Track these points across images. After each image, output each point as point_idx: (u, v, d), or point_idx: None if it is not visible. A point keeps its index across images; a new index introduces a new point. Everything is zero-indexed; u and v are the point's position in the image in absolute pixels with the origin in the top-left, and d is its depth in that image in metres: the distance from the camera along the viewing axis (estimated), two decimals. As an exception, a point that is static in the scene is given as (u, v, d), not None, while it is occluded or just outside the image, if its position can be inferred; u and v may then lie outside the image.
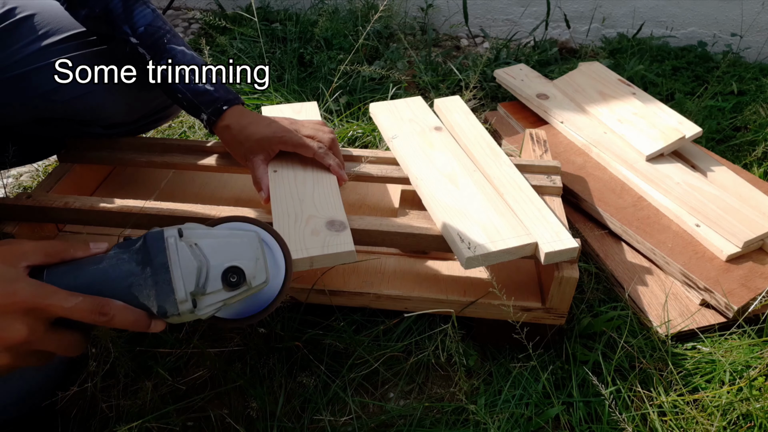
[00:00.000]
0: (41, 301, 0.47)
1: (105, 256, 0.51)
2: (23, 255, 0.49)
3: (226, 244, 0.53)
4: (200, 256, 0.51)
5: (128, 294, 0.50)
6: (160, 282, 0.50)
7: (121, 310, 0.49)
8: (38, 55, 0.81)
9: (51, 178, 0.90)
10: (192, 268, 0.51)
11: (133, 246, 0.52)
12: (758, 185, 1.05)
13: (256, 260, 0.54)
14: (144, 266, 0.50)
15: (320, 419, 0.74)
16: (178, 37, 0.84)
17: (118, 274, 0.50)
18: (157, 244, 0.50)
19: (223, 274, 0.52)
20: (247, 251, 0.54)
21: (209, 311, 0.52)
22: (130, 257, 0.51)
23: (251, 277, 0.53)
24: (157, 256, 0.50)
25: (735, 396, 0.76)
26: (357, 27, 1.74)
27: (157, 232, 0.51)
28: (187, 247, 0.51)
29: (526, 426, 0.74)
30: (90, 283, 0.50)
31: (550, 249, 0.71)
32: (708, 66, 1.63)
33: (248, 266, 0.53)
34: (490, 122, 1.35)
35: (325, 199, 0.78)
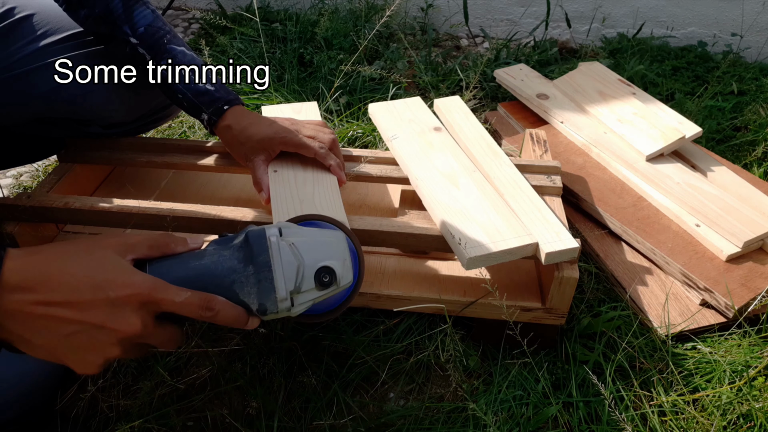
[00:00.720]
0: (156, 295, 0.47)
1: (206, 252, 0.52)
2: (131, 248, 0.50)
3: (319, 244, 0.54)
4: (298, 256, 0.52)
5: (230, 290, 0.51)
6: (262, 280, 0.51)
7: (225, 307, 0.50)
8: (37, 54, 0.81)
9: (51, 178, 0.90)
10: (292, 267, 0.52)
11: (232, 243, 0.52)
12: (758, 185, 1.05)
13: (344, 261, 0.55)
14: (246, 264, 0.51)
15: (320, 419, 0.74)
16: (177, 37, 0.84)
17: (221, 271, 0.51)
18: (260, 242, 0.51)
19: (317, 273, 0.53)
20: (337, 252, 0.55)
21: (301, 309, 0.53)
22: (231, 254, 0.51)
23: (341, 277, 0.54)
24: (261, 254, 0.51)
25: (735, 396, 0.76)
26: (357, 27, 1.74)
27: (260, 230, 0.52)
28: (287, 246, 0.52)
29: (526, 426, 0.74)
30: (194, 278, 0.50)
31: (550, 249, 0.71)
32: (708, 66, 1.63)
33: (338, 266, 0.54)
34: (490, 122, 1.35)
35: (325, 200, 0.78)
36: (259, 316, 0.52)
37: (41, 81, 0.81)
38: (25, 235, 0.82)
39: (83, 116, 0.88)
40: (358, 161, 0.92)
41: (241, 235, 0.52)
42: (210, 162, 0.92)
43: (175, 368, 0.80)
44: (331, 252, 0.54)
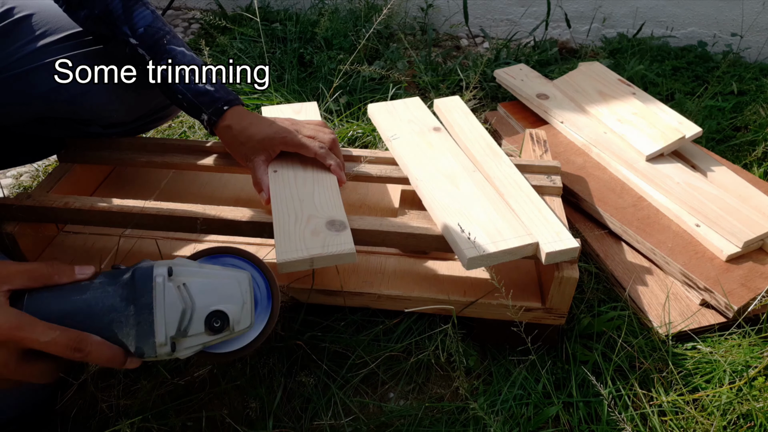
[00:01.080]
0: (16, 333, 0.46)
1: (90, 286, 0.50)
2: (6, 279, 0.48)
3: (215, 286, 0.52)
4: (187, 298, 0.51)
5: (108, 329, 0.49)
6: (141, 323, 0.49)
7: (98, 346, 0.48)
8: (37, 54, 0.81)
9: (51, 178, 0.90)
10: (176, 311, 0.50)
11: (120, 278, 0.51)
12: (758, 185, 1.05)
13: (243, 304, 0.53)
14: (128, 303, 0.49)
15: (320, 419, 0.74)
16: (177, 38, 0.84)
17: (101, 308, 0.49)
18: (145, 282, 0.49)
19: (207, 317, 0.51)
20: (236, 294, 0.53)
21: (188, 353, 0.52)
22: (114, 291, 0.50)
23: (235, 323, 0.52)
24: (143, 295, 0.49)
25: (735, 396, 0.76)
26: (357, 27, 1.74)
27: (147, 269, 0.50)
28: (174, 288, 0.50)
29: (526, 426, 0.74)
30: (70, 313, 0.49)
31: (551, 249, 0.71)
32: (708, 66, 1.63)
33: (233, 311, 0.52)
34: (490, 122, 1.35)
35: (325, 200, 0.78)
36: (137, 357, 0.50)
37: (41, 81, 0.81)
38: (25, 235, 0.82)
39: (83, 116, 0.88)
40: (358, 161, 0.92)
41: (129, 272, 0.51)
42: (210, 162, 0.92)
43: (175, 368, 0.80)
44: (228, 295, 0.52)
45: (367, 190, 1.01)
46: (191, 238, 0.89)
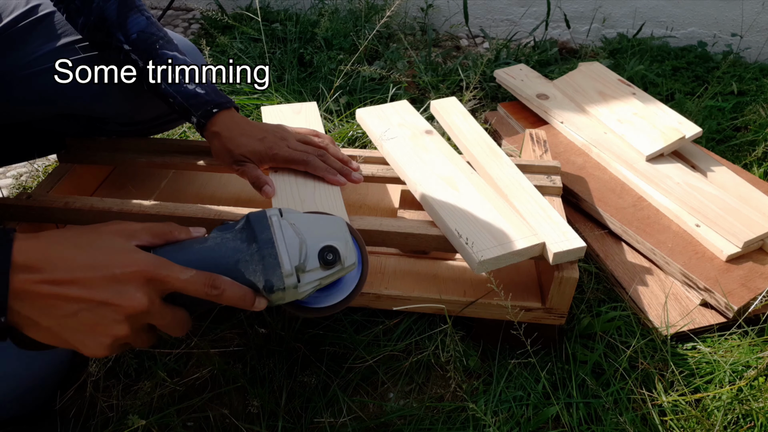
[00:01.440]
0: (161, 272, 0.47)
1: (209, 237, 0.53)
2: (133, 234, 0.50)
3: (319, 226, 0.55)
4: (301, 233, 0.53)
5: (235, 270, 0.51)
6: (266, 256, 0.51)
7: (231, 285, 0.50)
8: (57, 52, 0.81)
9: (51, 179, 0.90)
10: (295, 243, 0.52)
11: (234, 227, 0.53)
12: (758, 185, 1.05)
13: (347, 242, 0.55)
14: (250, 243, 0.51)
15: (320, 419, 0.74)
16: (171, 42, 0.84)
17: (225, 251, 0.51)
18: (262, 222, 0.52)
19: (320, 252, 0.54)
20: (339, 232, 0.55)
21: (308, 289, 0.54)
22: (234, 236, 0.52)
23: (344, 257, 0.55)
24: (263, 232, 0.51)
25: (735, 396, 0.76)
26: (357, 27, 1.74)
27: (260, 212, 0.53)
28: (288, 225, 0.53)
29: (526, 426, 0.74)
30: (198, 261, 0.51)
31: (558, 249, 0.71)
32: (708, 66, 1.63)
33: (341, 246, 0.54)
34: (490, 122, 1.35)
35: (326, 200, 0.78)
36: (266, 295, 0.52)
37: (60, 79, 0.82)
38: (25, 235, 0.82)
39: (102, 114, 0.89)
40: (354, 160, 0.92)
41: (242, 220, 0.53)
42: (210, 162, 0.92)
43: (175, 368, 0.80)
44: (333, 233, 0.55)
45: (366, 190, 1.01)
46: (191, 238, 0.89)
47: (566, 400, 0.77)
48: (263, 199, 0.78)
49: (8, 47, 0.80)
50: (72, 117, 0.90)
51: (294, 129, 0.86)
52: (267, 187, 0.78)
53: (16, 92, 0.82)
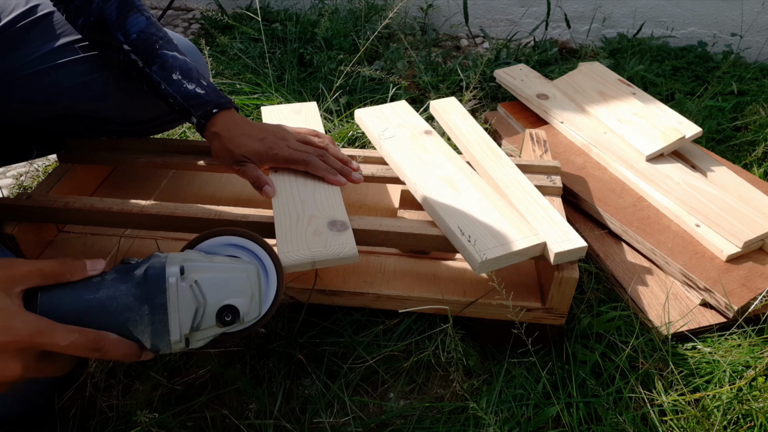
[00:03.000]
0: (37, 340, 0.46)
1: (102, 284, 0.50)
2: (19, 279, 0.48)
3: (225, 280, 0.53)
4: (199, 296, 0.51)
5: (123, 327, 0.50)
6: (156, 322, 0.50)
7: (115, 344, 0.49)
8: (57, 53, 0.81)
9: (51, 179, 0.90)
10: (190, 311, 0.51)
11: (132, 274, 0.51)
12: (758, 185, 1.05)
13: (252, 297, 0.54)
14: (142, 302, 0.50)
15: (320, 420, 0.74)
16: (171, 43, 0.84)
17: (115, 307, 0.50)
18: (158, 284, 0.50)
19: (218, 312, 0.52)
20: (245, 288, 0.54)
21: (200, 344, 0.53)
22: (128, 290, 0.50)
23: (245, 314, 0.53)
24: (157, 295, 0.50)
25: (735, 396, 0.76)
26: (357, 27, 1.74)
27: (159, 269, 0.50)
28: (187, 287, 0.51)
29: (526, 426, 0.74)
30: (85, 312, 0.49)
31: (559, 249, 0.71)
32: (708, 66, 1.63)
33: (243, 304, 0.53)
34: (490, 122, 1.35)
35: (326, 200, 0.78)
36: (152, 352, 0.51)
37: (61, 79, 0.82)
38: (26, 236, 0.82)
39: (102, 114, 0.89)
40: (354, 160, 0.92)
41: (142, 268, 0.51)
42: (210, 162, 0.92)
43: (175, 368, 0.80)
44: (238, 289, 0.53)
45: (367, 190, 1.01)
46: (191, 238, 0.89)
47: (566, 400, 0.77)
48: (263, 200, 0.78)
49: (8, 47, 0.80)
50: (72, 117, 0.90)
51: (294, 129, 0.86)
52: (267, 188, 0.78)
53: (16, 92, 0.82)
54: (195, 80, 0.81)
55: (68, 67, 0.82)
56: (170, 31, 0.93)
